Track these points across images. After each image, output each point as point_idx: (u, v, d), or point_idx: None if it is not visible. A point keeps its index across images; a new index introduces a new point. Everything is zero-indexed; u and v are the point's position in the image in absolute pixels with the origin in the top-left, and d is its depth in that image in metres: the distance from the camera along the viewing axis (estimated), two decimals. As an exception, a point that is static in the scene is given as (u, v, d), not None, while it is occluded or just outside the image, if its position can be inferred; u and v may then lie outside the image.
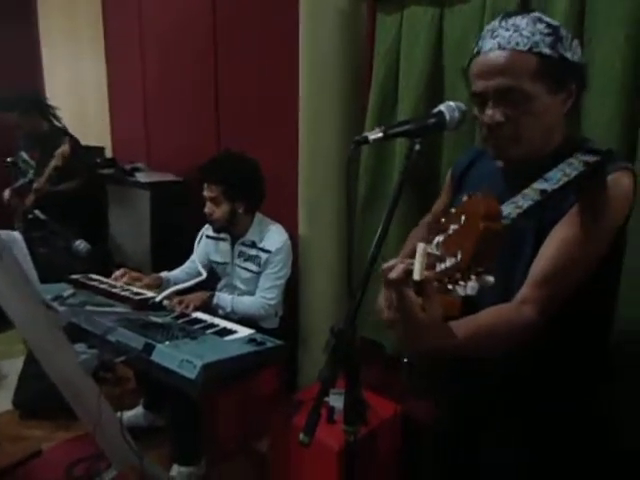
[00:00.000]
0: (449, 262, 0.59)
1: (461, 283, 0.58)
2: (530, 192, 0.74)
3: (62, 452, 2.15)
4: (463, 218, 0.59)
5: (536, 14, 0.92)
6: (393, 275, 0.70)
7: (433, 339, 0.76)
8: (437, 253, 0.62)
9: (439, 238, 0.63)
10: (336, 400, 1.61)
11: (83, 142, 3.13)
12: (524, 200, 0.76)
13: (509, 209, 0.75)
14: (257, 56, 2.53)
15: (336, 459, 1.59)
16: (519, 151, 0.94)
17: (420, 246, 0.65)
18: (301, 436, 0.88)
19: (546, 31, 0.89)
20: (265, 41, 2.48)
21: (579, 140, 0.97)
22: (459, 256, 0.57)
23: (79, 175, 2.93)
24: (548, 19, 0.92)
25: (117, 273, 2.07)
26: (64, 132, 2.98)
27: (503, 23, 0.92)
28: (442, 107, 0.94)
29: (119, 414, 1.67)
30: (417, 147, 0.91)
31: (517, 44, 0.89)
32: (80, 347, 1.71)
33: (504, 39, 0.90)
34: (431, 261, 0.63)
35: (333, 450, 1.58)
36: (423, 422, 1.52)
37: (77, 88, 4.00)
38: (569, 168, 0.76)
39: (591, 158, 0.77)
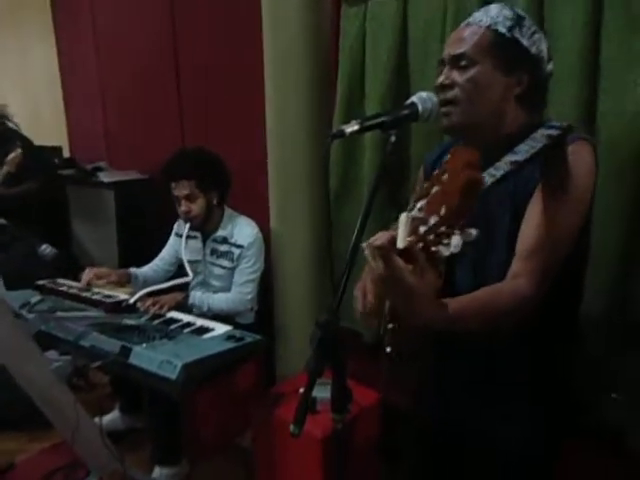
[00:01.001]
0: (432, 220, 0.60)
1: (445, 242, 0.59)
2: (502, 164, 0.76)
3: (36, 463, 2.09)
4: (445, 177, 0.60)
5: (510, 6, 1.00)
6: (377, 242, 0.71)
7: (427, 305, 0.75)
8: (420, 216, 0.63)
9: (421, 202, 0.64)
10: (318, 390, 1.63)
11: (37, 142, 3.01)
12: (496, 171, 0.78)
13: (485, 177, 0.76)
14: (220, 49, 2.49)
15: (320, 447, 1.61)
16: (459, 118, 0.99)
17: (402, 215, 0.65)
18: (291, 427, 0.90)
19: (510, 16, 0.98)
20: (228, 32, 2.44)
21: (539, 123, 1.00)
22: (442, 211, 0.58)
23: (34, 177, 2.82)
24: (520, 11, 0.99)
25: (84, 275, 2.01)
26: (15, 133, 2.86)
27: (481, 8, 1.02)
28: (414, 98, 0.96)
29: (98, 419, 1.64)
30: (392, 139, 0.93)
31: (480, 21, 0.99)
32: (52, 354, 1.67)
33: (473, 18, 1.01)
34: (415, 225, 0.63)
35: (317, 439, 1.61)
36: (402, 408, 1.56)
37: (27, 84, 3.83)
38: (534, 142, 0.80)
39: (554, 132, 0.80)
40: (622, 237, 1.33)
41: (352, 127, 0.92)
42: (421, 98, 0.96)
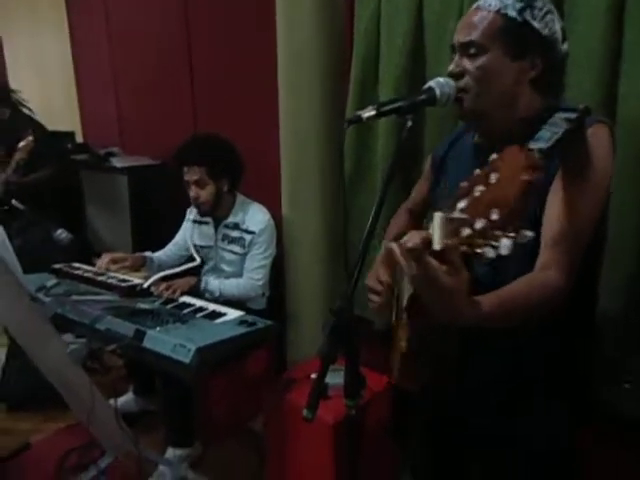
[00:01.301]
0: (480, 224, 0.57)
1: (494, 244, 0.56)
2: None
3: (52, 444, 2.14)
4: (494, 177, 0.57)
5: None
6: (410, 244, 0.68)
7: (465, 303, 0.74)
8: (463, 217, 0.59)
9: (462, 203, 0.61)
10: (330, 376, 1.64)
11: (50, 127, 3.02)
12: None
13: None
14: (233, 32, 2.47)
15: (331, 432, 1.63)
16: (470, 105, 0.97)
17: (436, 216, 0.63)
18: (305, 412, 0.90)
19: None
20: (241, 16, 2.41)
21: (555, 107, 0.97)
22: (494, 215, 0.55)
23: (48, 163, 2.84)
24: None
25: (101, 259, 2.03)
26: (28, 119, 2.87)
27: None
28: (432, 83, 0.95)
29: (112, 401, 1.66)
30: (409, 124, 0.92)
31: (489, 5, 0.95)
32: (68, 337, 1.69)
33: (484, 1, 0.97)
34: (454, 227, 0.61)
35: (328, 424, 1.62)
36: (411, 394, 1.57)
37: (41, 70, 3.84)
38: (555, 127, 0.77)
39: (571, 115, 0.78)
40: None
41: (369, 112, 0.91)
42: (439, 83, 0.95)
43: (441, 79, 0.95)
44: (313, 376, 1.85)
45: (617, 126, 1.26)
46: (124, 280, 1.91)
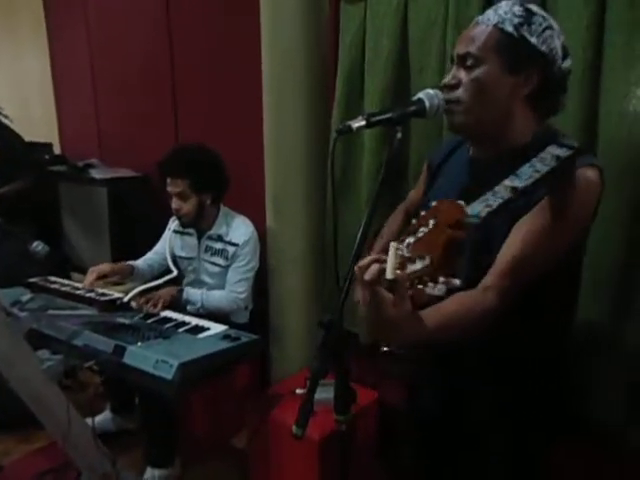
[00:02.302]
0: (419, 264, 0.61)
1: (430, 285, 0.60)
2: (501, 189, 0.73)
3: (24, 466, 2.05)
4: (432, 222, 0.61)
5: (523, 2, 0.97)
6: (367, 277, 0.71)
7: (405, 333, 0.78)
8: (407, 255, 0.64)
9: (409, 239, 0.65)
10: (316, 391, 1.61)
11: (28, 138, 2.95)
12: (494, 198, 0.74)
13: (479, 207, 0.72)
14: (216, 44, 2.46)
15: (317, 449, 1.60)
16: (461, 118, 0.98)
17: (392, 245, 0.66)
18: (294, 429, 0.89)
19: (518, 13, 0.95)
20: (224, 28, 2.41)
21: (551, 134, 0.98)
22: (427, 260, 0.59)
23: (25, 174, 2.77)
24: (532, 6, 0.96)
25: (88, 277, 1.96)
26: (4, 128, 2.79)
27: (494, 5, 0.99)
28: (421, 94, 0.95)
29: (89, 420, 1.60)
30: (399, 135, 0.92)
31: (488, 19, 0.97)
32: (43, 354, 1.63)
33: (484, 16, 0.99)
34: (403, 261, 0.65)
35: (314, 440, 1.59)
36: (397, 406, 1.56)
37: (18, 79, 3.76)
38: (540, 163, 0.77)
39: (563, 152, 0.78)
40: (622, 245, 1.31)
41: (359, 122, 0.91)
42: (428, 94, 0.95)
43: (431, 90, 0.95)
44: (299, 391, 1.82)
45: (598, 144, 1.29)
46: (103, 294, 1.86)
